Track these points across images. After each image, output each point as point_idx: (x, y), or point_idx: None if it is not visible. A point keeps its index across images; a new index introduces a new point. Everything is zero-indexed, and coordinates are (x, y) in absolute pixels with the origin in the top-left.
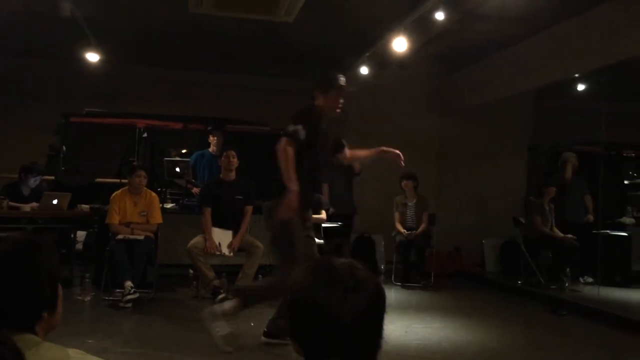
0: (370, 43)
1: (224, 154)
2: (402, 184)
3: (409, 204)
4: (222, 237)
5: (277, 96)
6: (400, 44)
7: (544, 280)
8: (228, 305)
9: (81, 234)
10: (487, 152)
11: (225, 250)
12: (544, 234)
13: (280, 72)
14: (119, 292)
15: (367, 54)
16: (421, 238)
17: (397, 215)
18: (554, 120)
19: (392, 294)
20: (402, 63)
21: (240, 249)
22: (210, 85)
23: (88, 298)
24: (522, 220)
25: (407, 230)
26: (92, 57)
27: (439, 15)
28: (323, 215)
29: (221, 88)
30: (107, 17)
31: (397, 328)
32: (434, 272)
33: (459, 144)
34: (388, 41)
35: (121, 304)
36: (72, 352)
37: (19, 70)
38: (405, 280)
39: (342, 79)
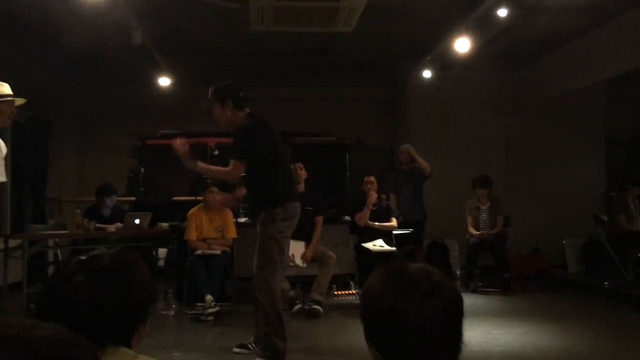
0: (431, 46)
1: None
2: (478, 192)
3: (482, 207)
4: (294, 249)
5: (339, 106)
6: (462, 45)
7: (632, 281)
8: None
9: (162, 251)
10: (560, 148)
11: (298, 261)
12: (630, 232)
13: (342, 82)
14: (200, 305)
15: (429, 57)
16: (494, 239)
17: (469, 219)
18: (632, 111)
19: (470, 300)
20: (465, 63)
21: (313, 260)
22: (273, 100)
23: (172, 312)
24: (604, 217)
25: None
26: (164, 81)
27: (501, 12)
28: (393, 222)
29: (285, 102)
30: (175, 42)
31: (477, 334)
32: (512, 275)
33: (529, 141)
34: (449, 42)
35: (203, 317)
36: None
37: (96, 98)
38: (471, 280)
39: None
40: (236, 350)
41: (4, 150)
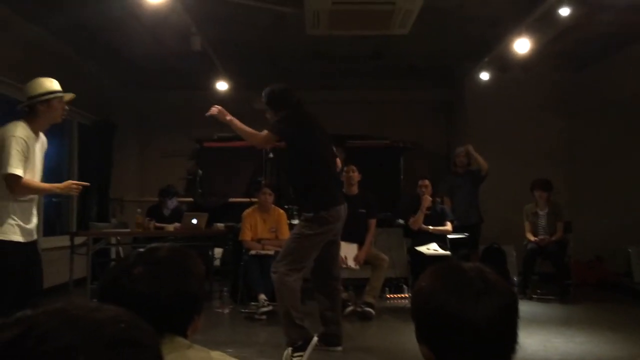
0: (489, 47)
1: (345, 169)
2: (536, 194)
3: (540, 212)
4: (347, 251)
5: (395, 108)
6: (522, 45)
7: None
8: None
9: (218, 251)
10: (625, 151)
11: (351, 264)
12: None
13: (398, 85)
14: (254, 304)
15: (486, 59)
16: (554, 246)
17: (527, 225)
18: None
19: (528, 307)
20: (525, 65)
21: (366, 262)
22: (329, 103)
23: (226, 310)
24: None
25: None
26: (222, 85)
27: (564, 11)
28: (448, 226)
29: (340, 105)
30: (232, 47)
31: (535, 343)
32: (573, 282)
33: (593, 145)
34: (508, 43)
35: (256, 316)
36: (215, 354)
37: (156, 102)
38: (527, 287)
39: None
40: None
41: (45, 145)
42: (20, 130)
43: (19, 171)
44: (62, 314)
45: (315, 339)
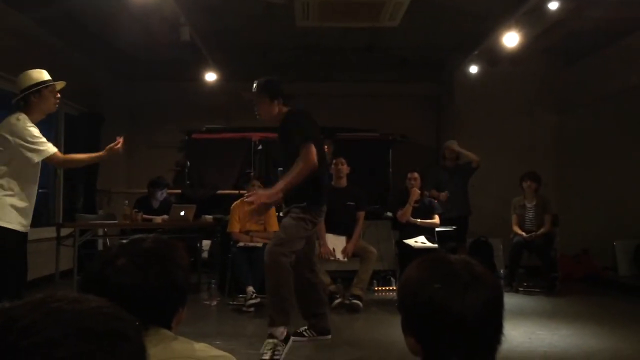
0: (478, 40)
1: (334, 161)
2: (525, 185)
3: (528, 205)
4: (336, 243)
5: (385, 101)
6: (511, 39)
7: None
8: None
9: (206, 243)
10: (615, 146)
11: (339, 256)
12: None
13: (388, 78)
14: (241, 297)
15: (476, 52)
16: (541, 240)
17: (514, 217)
18: None
19: (514, 299)
20: (514, 58)
21: (354, 255)
22: (318, 96)
23: (214, 303)
24: None
25: (526, 234)
26: (210, 76)
27: (553, 5)
28: (436, 219)
29: (330, 97)
30: (221, 38)
31: (520, 334)
32: (559, 276)
33: (581, 139)
34: (498, 37)
35: (244, 308)
36: (200, 346)
37: (145, 93)
38: (513, 280)
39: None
40: (294, 338)
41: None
42: (27, 122)
43: (47, 152)
44: (43, 307)
45: (292, 340)
